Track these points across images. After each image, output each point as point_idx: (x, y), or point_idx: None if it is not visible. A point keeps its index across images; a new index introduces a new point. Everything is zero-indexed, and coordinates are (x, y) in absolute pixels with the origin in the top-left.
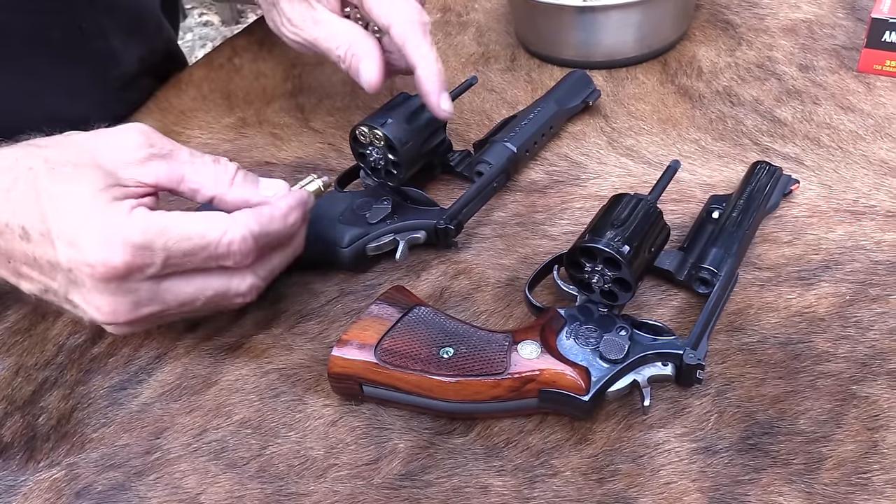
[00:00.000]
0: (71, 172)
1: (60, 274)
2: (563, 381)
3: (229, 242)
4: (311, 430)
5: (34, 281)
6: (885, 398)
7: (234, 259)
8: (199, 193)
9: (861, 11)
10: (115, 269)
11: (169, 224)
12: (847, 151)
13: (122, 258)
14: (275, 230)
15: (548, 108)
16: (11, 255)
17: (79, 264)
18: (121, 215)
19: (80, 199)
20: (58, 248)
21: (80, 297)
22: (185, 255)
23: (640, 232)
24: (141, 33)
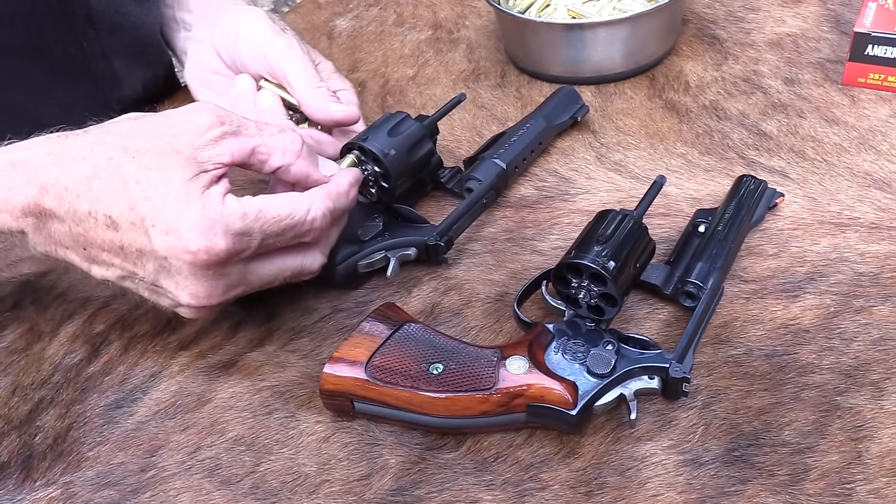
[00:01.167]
0: (155, 162)
1: (152, 261)
2: (550, 396)
3: (313, 220)
4: (304, 446)
5: (114, 267)
6: (868, 409)
7: (314, 234)
8: (266, 164)
9: (845, 25)
10: (217, 255)
11: (263, 208)
12: (831, 164)
13: (224, 245)
14: (341, 206)
15: (536, 125)
16: (91, 242)
17: (178, 252)
18: (217, 204)
19: (172, 189)
20: (152, 237)
21: (173, 283)
22: (277, 235)
23: (625, 247)
24: (144, 57)
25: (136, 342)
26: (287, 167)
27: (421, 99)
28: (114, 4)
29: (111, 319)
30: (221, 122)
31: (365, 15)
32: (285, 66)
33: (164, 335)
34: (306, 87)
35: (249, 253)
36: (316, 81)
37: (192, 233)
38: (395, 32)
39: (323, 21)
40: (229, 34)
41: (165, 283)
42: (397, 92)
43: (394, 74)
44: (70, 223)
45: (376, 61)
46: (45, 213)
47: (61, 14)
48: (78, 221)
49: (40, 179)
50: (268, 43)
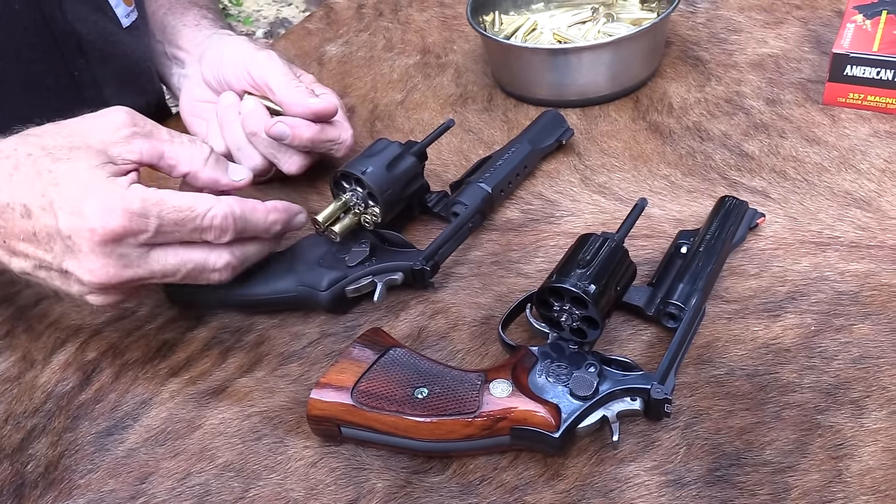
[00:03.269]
0: (66, 153)
1: (59, 243)
2: (533, 419)
3: (213, 217)
4: (292, 471)
5: (29, 257)
6: (849, 427)
7: (215, 233)
8: (175, 169)
9: (826, 45)
10: (114, 232)
11: (164, 197)
12: (812, 183)
13: (121, 222)
14: (254, 221)
15: (522, 149)
16: (10, 233)
17: (80, 230)
18: (121, 188)
19: (79, 174)
20: (59, 217)
21: (76, 262)
22: (175, 224)
23: (606, 271)
24: (134, 86)
25: (128, 369)
26: (195, 174)
27: (409, 123)
28: (103, 34)
29: (103, 347)
30: (134, 124)
31: (354, 41)
32: (265, 74)
33: (155, 362)
34: (285, 86)
35: (147, 237)
36: (294, 82)
37: (93, 211)
38: (384, 58)
39: (313, 47)
40: (214, 60)
41: (70, 264)
42: (386, 117)
43: (383, 99)
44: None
45: (365, 86)
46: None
47: (52, 43)
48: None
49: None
50: (249, 58)
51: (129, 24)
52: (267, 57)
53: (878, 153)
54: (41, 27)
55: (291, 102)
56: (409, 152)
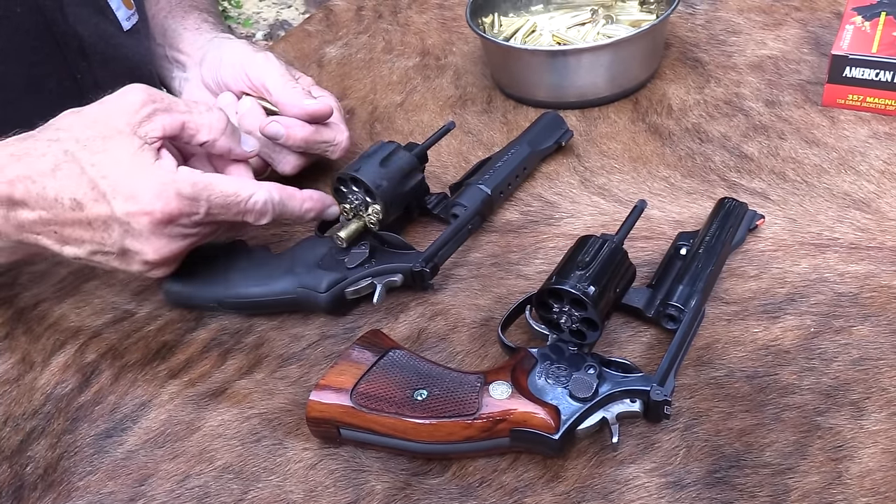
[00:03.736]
0: (102, 145)
1: (116, 228)
2: (533, 421)
3: (255, 202)
4: (292, 473)
5: (85, 243)
6: (848, 428)
7: (255, 216)
8: (195, 138)
9: (825, 47)
10: (171, 214)
11: (212, 181)
12: (811, 185)
13: (176, 205)
14: (290, 207)
15: (521, 150)
16: (62, 223)
17: (138, 214)
18: (170, 171)
19: (123, 162)
20: (114, 206)
21: (139, 243)
22: (221, 207)
23: (605, 273)
24: None
25: (127, 371)
26: (213, 142)
27: (408, 125)
28: (104, 36)
29: (102, 349)
30: (153, 101)
31: (354, 43)
32: (263, 75)
33: (154, 364)
34: (282, 87)
35: (198, 218)
36: (291, 83)
37: (148, 195)
38: (383, 60)
39: (313, 49)
40: (214, 63)
41: (132, 244)
42: (385, 119)
43: (382, 101)
44: (39, 210)
45: (365, 88)
46: (16, 202)
47: (54, 46)
48: (47, 208)
49: (8, 176)
50: (247, 60)
51: (129, 27)
52: (265, 59)
53: (878, 154)
54: (43, 30)
55: (287, 103)
56: (405, 150)
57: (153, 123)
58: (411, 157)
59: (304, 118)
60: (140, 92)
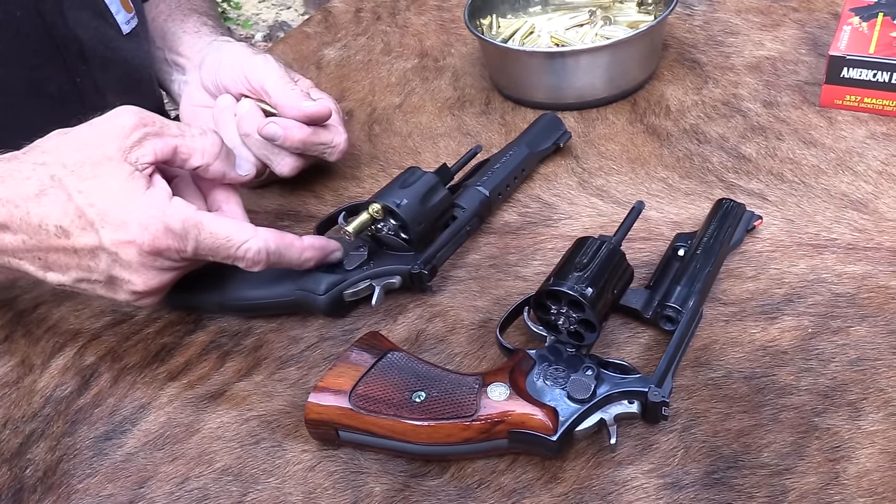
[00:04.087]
0: (91, 171)
1: (104, 257)
2: (531, 422)
3: (247, 249)
4: (290, 475)
5: (70, 270)
6: (846, 429)
7: (246, 264)
8: (188, 163)
9: (823, 47)
10: (158, 248)
11: (203, 221)
12: (809, 186)
13: (164, 241)
14: (288, 256)
15: (519, 152)
16: (45, 251)
17: (125, 244)
18: (162, 202)
19: (113, 191)
20: (102, 234)
21: (127, 273)
22: (210, 249)
23: (603, 274)
24: (136, 91)
25: (126, 373)
26: (206, 167)
27: (407, 127)
28: (104, 40)
29: (101, 351)
30: (144, 124)
31: (353, 44)
32: (262, 77)
33: (154, 366)
34: (280, 89)
35: (186, 255)
36: (290, 85)
37: (137, 228)
38: (382, 61)
39: (311, 51)
40: (213, 66)
41: (120, 273)
42: (384, 120)
43: (381, 103)
44: (22, 235)
45: (363, 90)
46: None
47: (54, 50)
48: (31, 233)
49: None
50: (246, 62)
51: (129, 30)
52: (263, 61)
53: (875, 155)
54: (43, 34)
55: (286, 105)
56: (444, 187)
57: (144, 149)
58: (449, 195)
59: (303, 120)
60: (131, 115)
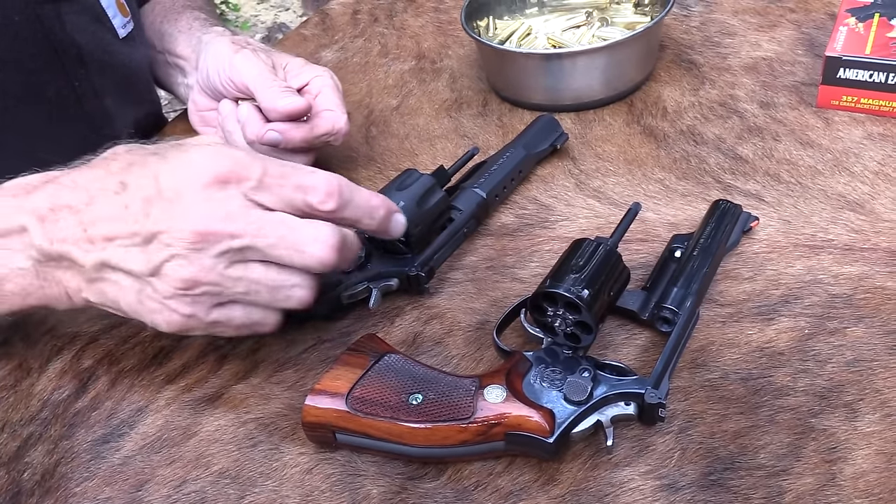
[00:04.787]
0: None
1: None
2: (527, 424)
3: (317, 178)
4: (288, 478)
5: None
6: (842, 430)
7: (318, 196)
8: None
9: (820, 48)
10: (219, 170)
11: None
12: (806, 186)
13: (228, 165)
14: (357, 198)
15: (516, 154)
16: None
17: (186, 177)
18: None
19: None
20: (160, 179)
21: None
22: (280, 176)
23: (599, 276)
24: (133, 95)
25: (124, 377)
26: None
27: (404, 129)
28: (101, 44)
29: (99, 354)
30: None
31: (350, 46)
32: (243, 78)
33: (151, 369)
34: (262, 89)
35: (252, 185)
36: (269, 81)
37: (199, 154)
38: (379, 63)
39: (309, 53)
40: (203, 69)
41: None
42: (381, 122)
43: (378, 105)
44: (76, 194)
45: (361, 92)
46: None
47: (52, 54)
48: (86, 188)
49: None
50: (228, 65)
51: (125, 34)
52: (242, 60)
53: (872, 156)
54: (41, 38)
55: (267, 108)
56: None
57: None
58: (446, 197)
59: (284, 119)
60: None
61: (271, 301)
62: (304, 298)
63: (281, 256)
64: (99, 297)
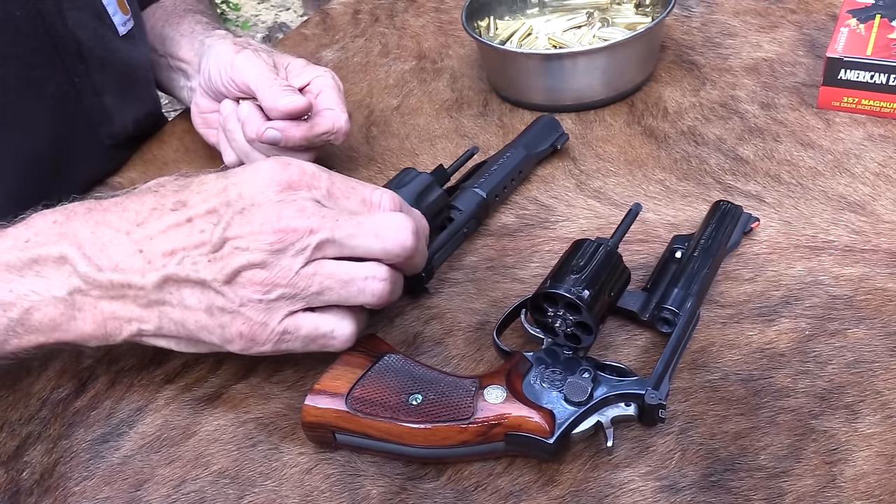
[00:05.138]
0: None
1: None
2: (528, 425)
3: (382, 194)
4: (287, 478)
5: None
6: (843, 432)
7: (384, 205)
8: None
9: (820, 49)
10: (290, 177)
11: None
12: (806, 187)
13: (297, 173)
14: (414, 215)
15: (517, 154)
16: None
17: (255, 186)
18: None
19: None
20: (229, 190)
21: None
22: (347, 188)
23: (599, 276)
24: (133, 93)
25: (123, 376)
26: None
27: (405, 129)
28: (102, 41)
29: (98, 354)
30: None
31: (350, 46)
32: (245, 78)
33: (151, 369)
34: (263, 89)
35: (321, 194)
36: (269, 81)
37: (266, 167)
38: (379, 63)
39: (309, 53)
40: (206, 72)
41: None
42: (382, 122)
43: (378, 105)
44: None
45: (361, 92)
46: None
47: (53, 50)
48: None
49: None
50: (230, 65)
51: (125, 32)
52: (243, 60)
53: (873, 157)
54: (42, 34)
55: (268, 107)
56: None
57: None
58: (444, 195)
59: (285, 118)
60: None
61: (346, 297)
62: (377, 291)
63: (359, 246)
64: (159, 323)
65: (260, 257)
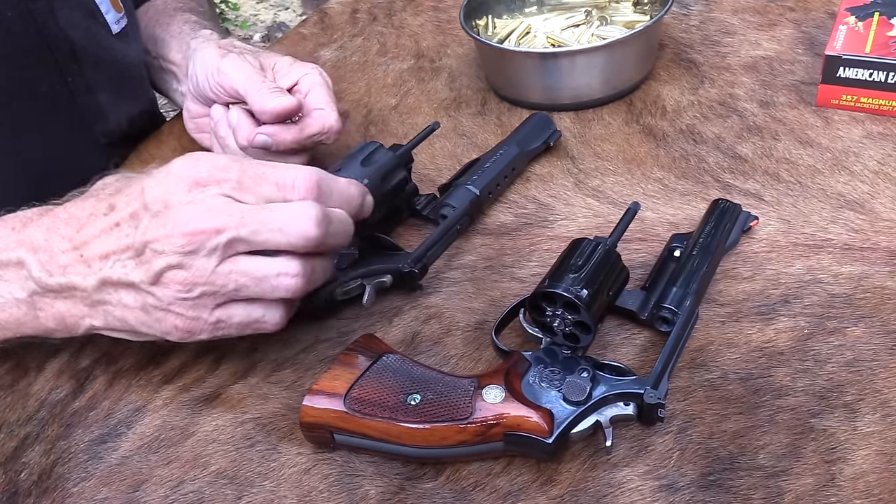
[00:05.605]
0: None
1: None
2: (526, 425)
3: (296, 174)
4: (286, 478)
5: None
6: (842, 430)
7: (298, 192)
8: None
9: (819, 47)
10: (198, 174)
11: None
12: (805, 186)
13: (207, 168)
14: (337, 191)
15: (509, 151)
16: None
17: (167, 187)
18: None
19: None
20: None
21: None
22: (258, 175)
23: (598, 275)
24: (127, 92)
25: (121, 377)
26: None
27: (403, 128)
28: (95, 39)
29: (96, 354)
30: None
31: (349, 45)
32: (234, 82)
33: (149, 369)
34: (252, 91)
35: (231, 185)
36: (257, 83)
37: (179, 163)
38: (378, 62)
39: (307, 52)
40: (193, 78)
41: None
42: (380, 121)
43: (377, 104)
44: (69, 224)
45: (359, 91)
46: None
47: (45, 49)
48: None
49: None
50: (216, 70)
51: (118, 30)
52: (229, 64)
53: (872, 155)
54: (34, 33)
55: (257, 110)
56: (388, 150)
57: None
58: (392, 154)
59: (274, 120)
60: None
61: (261, 293)
62: (291, 286)
63: (266, 241)
64: (105, 320)
65: (176, 259)
